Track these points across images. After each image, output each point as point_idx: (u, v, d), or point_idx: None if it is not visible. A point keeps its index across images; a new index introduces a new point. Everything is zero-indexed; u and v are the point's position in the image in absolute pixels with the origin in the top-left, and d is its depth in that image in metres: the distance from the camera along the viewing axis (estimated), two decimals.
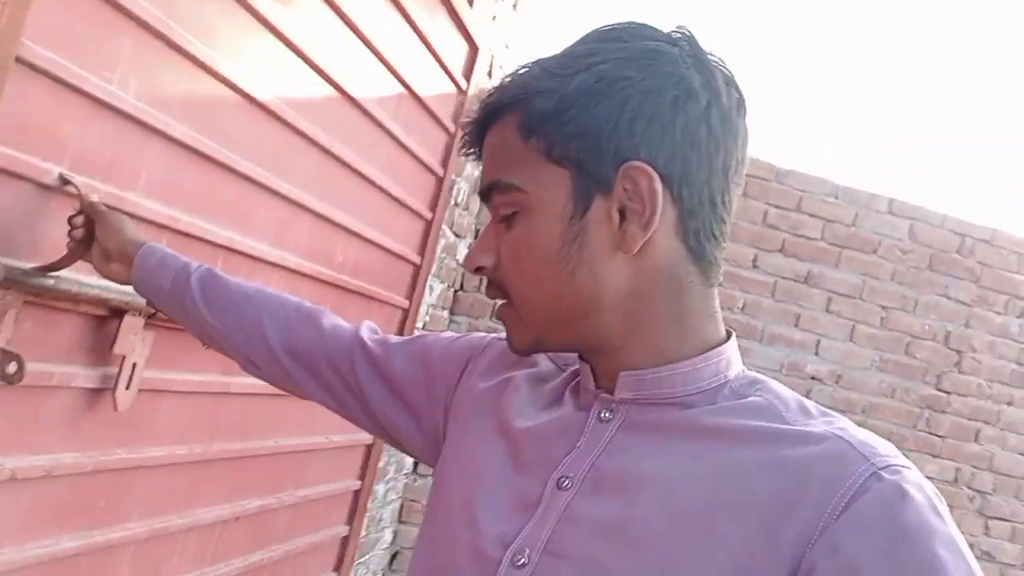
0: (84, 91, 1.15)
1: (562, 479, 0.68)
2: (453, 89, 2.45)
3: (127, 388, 1.33)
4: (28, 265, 1.10)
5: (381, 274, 2.26)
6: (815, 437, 0.61)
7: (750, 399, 0.67)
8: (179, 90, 1.34)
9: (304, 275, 1.87)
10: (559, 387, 0.78)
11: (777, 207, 3.60)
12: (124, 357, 1.31)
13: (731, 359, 0.70)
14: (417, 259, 2.47)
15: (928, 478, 0.62)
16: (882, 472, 0.58)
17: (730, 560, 0.58)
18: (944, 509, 0.59)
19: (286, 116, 1.62)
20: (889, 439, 0.64)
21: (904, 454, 0.64)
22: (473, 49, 2.53)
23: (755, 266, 3.58)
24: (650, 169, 0.66)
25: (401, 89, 2.11)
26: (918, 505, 0.57)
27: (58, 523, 1.26)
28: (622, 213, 0.67)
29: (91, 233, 1.10)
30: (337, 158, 1.87)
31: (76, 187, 1.12)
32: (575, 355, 0.78)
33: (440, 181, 2.48)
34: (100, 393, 1.30)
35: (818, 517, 0.57)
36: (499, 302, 0.74)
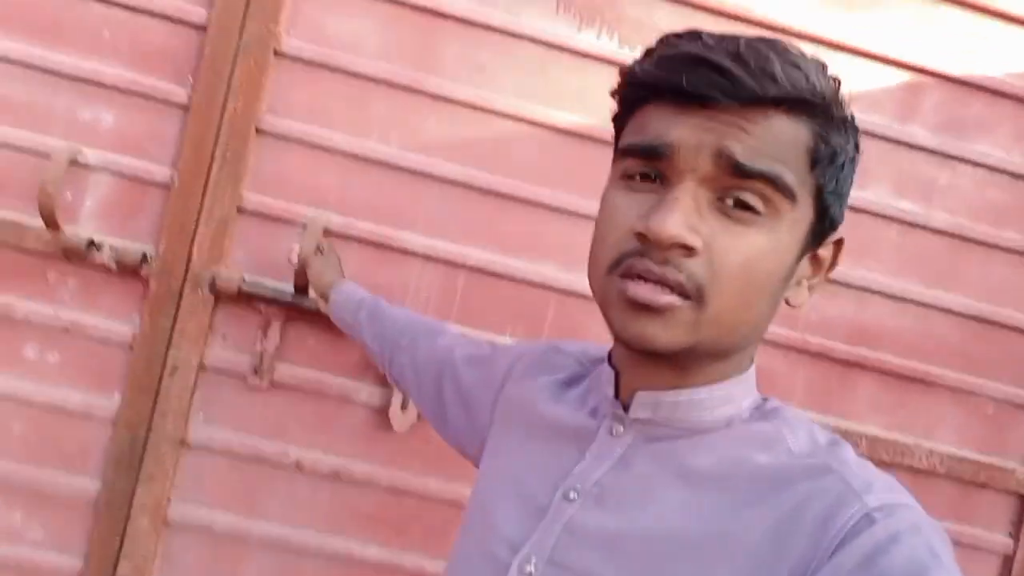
0: (340, 150, 1.43)
1: (568, 491, 0.69)
2: None
3: (403, 409, 1.43)
4: (286, 287, 1.41)
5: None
6: (815, 470, 0.60)
7: (759, 427, 0.66)
8: (447, 133, 1.45)
9: None
10: (583, 390, 0.78)
11: None
12: None
13: (748, 387, 0.69)
14: None
15: None
16: (874, 513, 0.56)
17: None
18: (944, 547, 0.55)
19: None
20: None
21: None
22: None
23: None
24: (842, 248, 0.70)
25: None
26: (909, 548, 0.53)
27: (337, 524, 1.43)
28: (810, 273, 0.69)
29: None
30: None
31: (302, 236, 1.38)
32: (599, 358, 0.80)
33: None
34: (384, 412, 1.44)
35: (811, 556, 0.56)
36: (664, 290, 0.60)
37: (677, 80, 0.59)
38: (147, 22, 1.43)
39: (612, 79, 0.67)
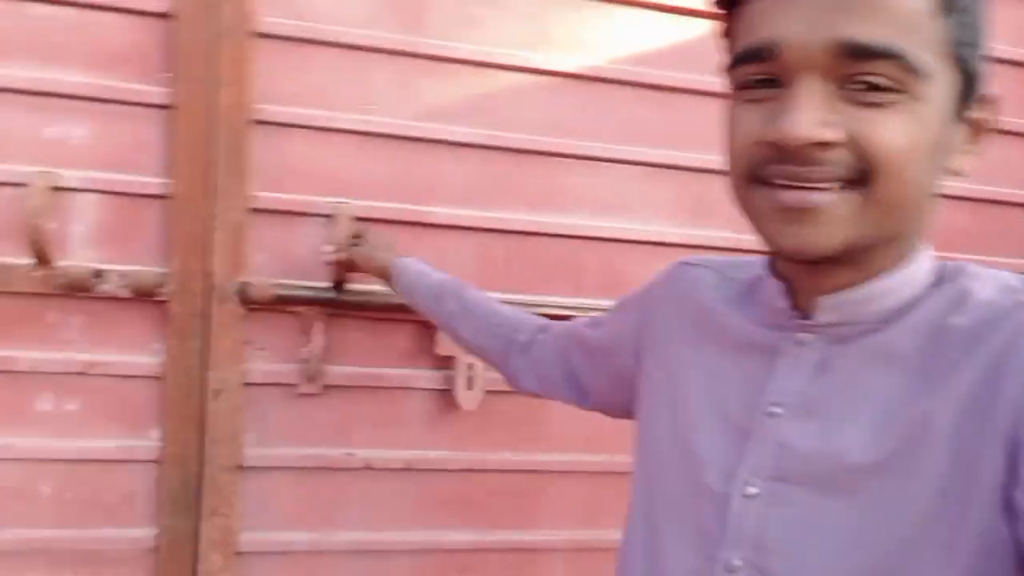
0: (343, 129, 1.33)
1: (770, 407, 0.66)
2: None
3: (469, 389, 1.38)
4: (322, 284, 1.32)
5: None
6: (1006, 312, 0.59)
7: (945, 290, 0.64)
8: (451, 94, 1.38)
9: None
10: (737, 305, 0.74)
11: None
12: (454, 358, 1.37)
13: (927, 263, 0.66)
14: None
15: None
16: None
17: (948, 458, 0.57)
18: None
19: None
20: None
21: None
22: None
23: None
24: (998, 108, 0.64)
25: None
26: None
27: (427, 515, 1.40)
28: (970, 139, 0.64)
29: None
30: None
31: (331, 231, 1.30)
32: (740, 268, 0.77)
33: None
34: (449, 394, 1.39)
35: (1018, 396, 0.55)
36: (819, 187, 0.57)
37: None
38: (100, 18, 1.27)
39: (608, 19, 0.63)
